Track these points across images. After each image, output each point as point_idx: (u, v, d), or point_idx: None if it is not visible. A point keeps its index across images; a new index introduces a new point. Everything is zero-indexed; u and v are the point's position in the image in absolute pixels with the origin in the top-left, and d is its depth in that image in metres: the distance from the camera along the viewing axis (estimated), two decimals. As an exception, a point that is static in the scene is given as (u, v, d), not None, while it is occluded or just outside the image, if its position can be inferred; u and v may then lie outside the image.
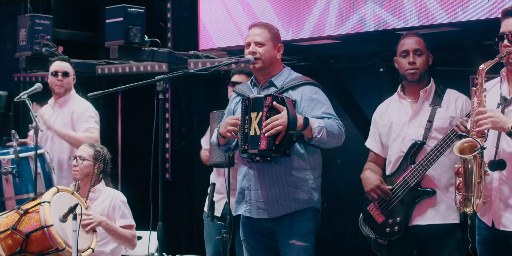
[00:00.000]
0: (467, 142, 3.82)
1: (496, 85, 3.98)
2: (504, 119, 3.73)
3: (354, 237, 4.88)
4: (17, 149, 5.66)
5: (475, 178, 3.80)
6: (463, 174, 3.83)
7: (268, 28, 4.48)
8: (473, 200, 3.81)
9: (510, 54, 3.86)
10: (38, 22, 7.44)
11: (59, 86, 6.09)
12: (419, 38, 4.48)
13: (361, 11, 5.50)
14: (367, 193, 4.47)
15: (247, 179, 4.43)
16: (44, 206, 4.79)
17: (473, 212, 3.86)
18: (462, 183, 3.85)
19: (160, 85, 4.25)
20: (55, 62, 6.19)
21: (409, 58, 4.42)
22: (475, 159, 3.78)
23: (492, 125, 3.74)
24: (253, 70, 4.51)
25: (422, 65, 4.43)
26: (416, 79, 4.44)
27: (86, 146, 5.33)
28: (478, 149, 3.76)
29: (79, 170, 5.22)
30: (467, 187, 3.82)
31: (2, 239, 4.82)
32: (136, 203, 5.39)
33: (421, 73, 4.44)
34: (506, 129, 3.71)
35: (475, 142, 3.78)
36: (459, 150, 3.82)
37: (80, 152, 5.28)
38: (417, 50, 4.44)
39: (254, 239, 4.50)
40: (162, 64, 7.08)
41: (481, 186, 3.82)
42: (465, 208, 3.86)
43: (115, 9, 6.77)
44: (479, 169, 3.80)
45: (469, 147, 3.82)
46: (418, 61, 4.43)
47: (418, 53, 4.44)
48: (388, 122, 4.53)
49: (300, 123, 4.23)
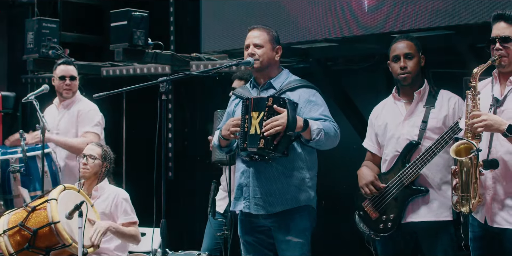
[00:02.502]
0: (463, 144, 3.84)
1: (488, 85, 4.00)
2: (499, 121, 3.74)
3: (351, 234, 4.89)
4: (25, 149, 5.67)
5: (471, 179, 3.82)
6: (460, 175, 3.85)
7: (266, 31, 4.51)
8: (470, 200, 3.83)
9: (502, 57, 3.87)
10: (45, 25, 7.46)
11: (67, 90, 6.11)
12: (409, 42, 4.48)
13: (358, 14, 5.51)
14: (361, 188, 4.49)
15: (245, 176, 4.45)
16: (51, 204, 4.80)
17: (470, 211, 3.87)
18: (458, 183, 3.86)
19: (163, 86, 4.26)
20: (60, 66, 6.18)
21: (400, 62, 4.43)
22: (471, 161, 3.80)
23: (486, 128, 3.76)
24: (252, 71, 4.53)
25: (414, 68, 4.44)
26: (408, 83, 4.45)
27: (94, 145, 5.32)
28: (474, 151, 3.78)
29: (89, 168, 5.23)
30: (464, 187, 3.84)
31: (10, 236, 4.83)
32: (140, 200, 5.40)
33: (413, 76, 4.44)
34: (502, 131, 3.74)
35: (470, 144, 3.80)
36: (455, 152, 3.84)
37: (89, 151, 5.26)
38: (407, 54, 4.44)
39: (251, 235, 4.52)
40: (165, 66, 7.10)
41: (477, 186, 3.83)
42: (462, 208, 3.88)
43: (120, 13, 6.78)
44: (474, 170, 3.81)
45: (465, 149, 3.84)
46: (409, 64, 4.43)
47: (409, 57, 4.44)
48: (383, 123, 4.55)
49: (300, 125, 4.26)
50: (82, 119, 6.01)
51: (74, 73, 6.13)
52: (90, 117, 6.02)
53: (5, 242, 4.82)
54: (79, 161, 5.26)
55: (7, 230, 4.85)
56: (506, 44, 3.86)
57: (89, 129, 5.98)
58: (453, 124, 4.32)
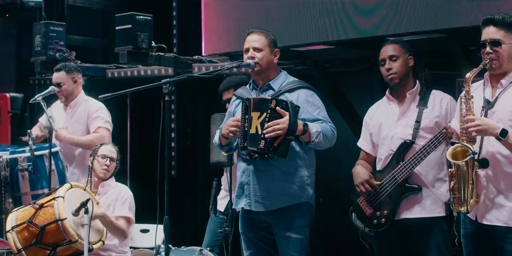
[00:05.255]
0: (458, 147, 3.85)
1: (479, 87, 4.01)
2: (492, 126, 3.75)
3: (348, 230, 4.89)
4: (32, 148, 5.69)
5: (467, 180, 3.83)
6: (457, 177, 3.86)
7: (265, 35, 4.52)
8: (467, 200, 3.84)
9: (493, 60, 3.88)
10: (52, 29, 7.47)
11: (60, 97, 6.14)
12: (395, 45, 4.48)
13: (354, 18, 5.52)
14: (356, 186, 4.50)
15: (246, 174, 4.46)
16: (58, 201, 4.81)
17: (467, 211, 3.88)
18: (455, 185, 3.87)
19: (166, 87, 4.27)
20: (53, 74, 6.21)
21: (385, 65, 4.44)
22: (467, 163, 3.81)
23: (480, 133, 3.78)
24: (252, 74, 4.54)
25: (400, 68, 4.43)
26: (397, 83, 4.45)
27: (111, 147, 5.33)
28: (469, 154, 3.79)
29: (111, 170, 5.25)
30: (461, 188, 3.85)
31: (18, 232, 4.84)
32: (144, 198, 5.41)
33: (400, 76, 4.44)
34: (495, 135, 3.75)
35: (466, 147, 3.82)
36: (452, 155, 3.86)
37: (110, 153, 5.26)
38: (392, 56, 4.44)
39: (252, 232, 4.53)
40: (168, 68, 7.10)
41: (473, 187, 3.84)
42: (460, 208, 3.89)
43: (124, 17, 6.79)
44: (471, 171, 3.83)
45: (461, 152, 3.85)
46: (394, 66, 4.43)
47: (393, 59, 4.44)
48: (378, 123, 4.56)
49: (300, 129, 4.28)
50: (94, 117, 6.02)
51: (60, 80, 6.10)
52: (100, 114, 6.04)
53: (13, 238, 4.84)
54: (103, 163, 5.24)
55: (16, 227, 4.86)
56: (496, 47, 3.87)
57: (101, 124, 6.00)
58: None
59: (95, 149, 5.31)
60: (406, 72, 4.45)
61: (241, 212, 4.56)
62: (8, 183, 5.75)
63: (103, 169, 5.21)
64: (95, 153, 5.27)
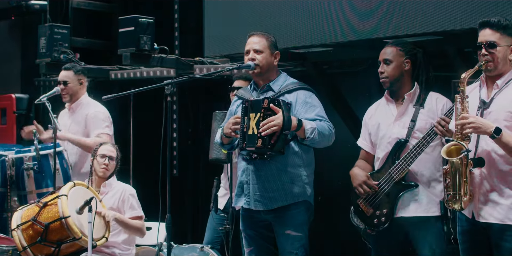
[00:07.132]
0: (453, 145, 3.85)
1: (475, 88, 4.00)
2: (486, 124, 3.75)
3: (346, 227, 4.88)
4: (38, 147, 5.68)
5: (461, 178, 3.83)
6: (451, 174, 3.85)
7: (266, 37, 4.52)
8: (461, 197, 3.84)
9: (488, 62, 3.88)
10: (57, 31, 7.48)
11: (63, 95, 6.10)
12: (393, 47, 4.44)
13: (352, 21, 5.52)
14: (355, 188, 4.49)
15: (246, 174, 4.46)
16: (62, 199, 4.82)
17: (461, 208, 3.88)
18: (450, 182, 3.87)
19: (168, 88, 4.28)
20: (61, 72, 6.19)
21: (379, 68, 4.43)
22: (461, 161, 3.81)
23: (474, 130, 3.77)
24: (252, 75, 4.54)
25: (391, 73, 4.39)
26: (387, 87, 4.44)
27: (111, 146, 5.33)
28: (464, 152, 3.79)
29: (110, 169, 5.24)
30: (455, 186, 3.84)
31: (24, 230, 4.85)
32: (146, 196, 5.41)
33: (391, 80, 4.40)
34: (489, 133, 3.74)
35: (460, 145, 3.81)
36: (446, 153, 3.85)
37: (109, 152, 5.26)
38: (385, 60, 4.42)
39: (253, 229, 4.53)
40: (170, 70, 7.10)
41: (467, 184, 3.83)
42: (454, 205, 3.88)
43: (127, 19, 6.80)
44: (465, 169, 3.82)
45: (456, 150, 3.84)
46: (386, 70, 4.40)
47: (387, 63, 4.41)
48: (376, 123, 4.55)
49: (294, 124, 4.27)
50: (92, 122, 5.97)
51: (66, 78, 6.08)
52: (99, 120, 5.98)
53: (18, 236, 4.84)
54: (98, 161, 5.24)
55: (21, 225, 4.87)
56: (491, 49, 3.86)
57: (101, 130, 5.95)
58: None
59: (96, 149, 5.32)
60: (398, 77, 4.41)
61: (241, 211, 4.56)
62: (14, 182, 5.76)
63: (102, 168, 5.21)
64: (95, 153, 5.28)
